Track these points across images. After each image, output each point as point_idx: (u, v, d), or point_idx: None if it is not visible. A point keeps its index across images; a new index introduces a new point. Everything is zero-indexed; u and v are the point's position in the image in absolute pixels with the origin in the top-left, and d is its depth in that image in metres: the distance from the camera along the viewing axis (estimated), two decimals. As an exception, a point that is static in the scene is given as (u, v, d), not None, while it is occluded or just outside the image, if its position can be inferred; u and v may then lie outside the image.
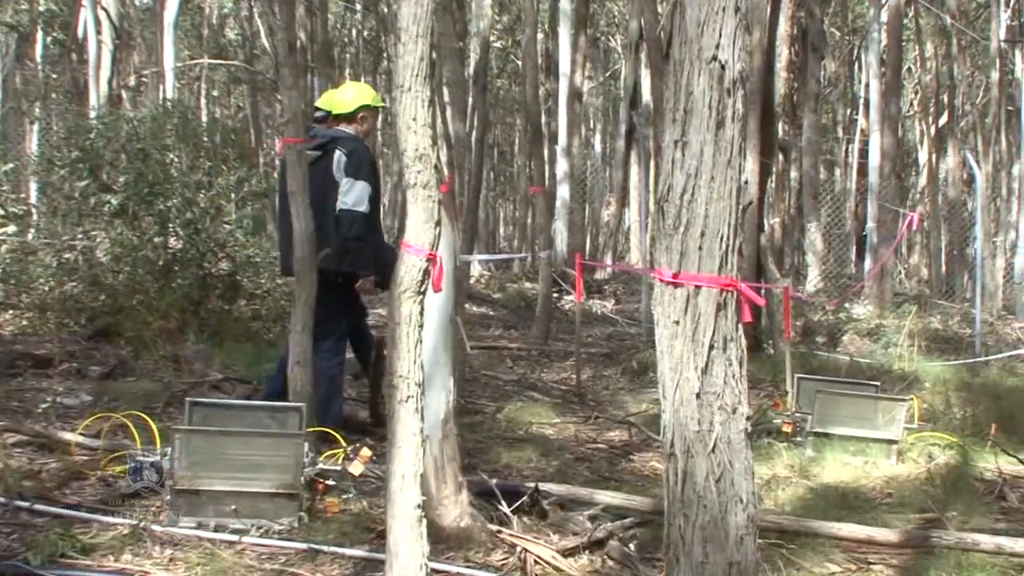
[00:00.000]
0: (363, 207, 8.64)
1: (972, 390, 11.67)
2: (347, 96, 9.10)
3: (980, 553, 6.24)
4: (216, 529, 6.16)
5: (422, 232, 4.39)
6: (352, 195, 8.63)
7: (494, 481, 6.87)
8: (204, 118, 29.46)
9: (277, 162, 15.33)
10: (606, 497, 6.97)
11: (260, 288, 13.29)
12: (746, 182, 13.83)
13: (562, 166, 25.65)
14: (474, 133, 16.74)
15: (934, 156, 31.64)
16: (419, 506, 4.30)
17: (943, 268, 30.57)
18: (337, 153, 8.71)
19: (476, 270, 24.96)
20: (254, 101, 37.24)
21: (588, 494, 7.03)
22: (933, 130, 32.61)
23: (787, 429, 9.47)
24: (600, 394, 12.11)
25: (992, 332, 18.27)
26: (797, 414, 9.59)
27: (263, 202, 14.86)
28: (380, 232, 9.16)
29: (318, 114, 9.10)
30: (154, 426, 7.31)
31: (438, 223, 4.42)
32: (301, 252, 7.82)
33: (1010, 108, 30.72)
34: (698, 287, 4.07)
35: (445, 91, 11.00)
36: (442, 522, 6.05)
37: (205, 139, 14.14)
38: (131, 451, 6.95)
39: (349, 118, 9.00)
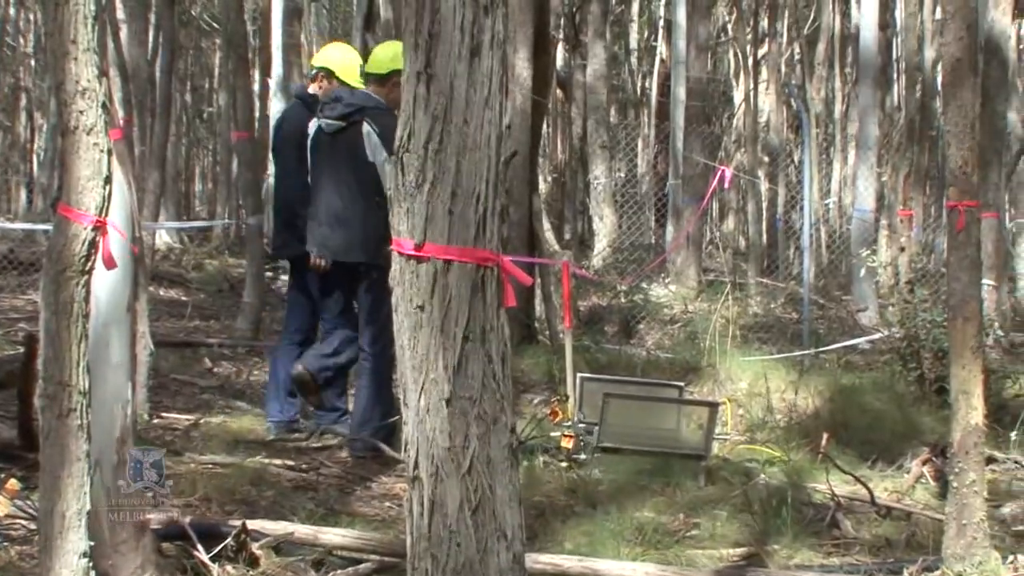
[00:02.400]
0: None
1: (799, 391, 12.00)
2: (382, 55, 9.55)
3: (808, 595, 6.48)
4: None
5: (87, 192, 4.34)
6: None
7: (188, 519, 6.84)
8: None
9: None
10: (335, 536, 7.01)
11: None
12: (509, 127, 13.97)
13: (277, 106, 25.44)
14: (159, 61, 16.51)
15: (752, 94, 32.41)
16: (86, 554, 4.26)
17: (764, 237, 31.38)
18: (367, 128, 9.23)
19: (164, 241, 24.63)
20: None
21: (312, 533, 7.05)
22: (751, 61, 33.42)
23: (567, 444, 9.61)
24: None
25: (823, 318, 18.85)
26: (580, 425, 9.74)
27: None
28: None
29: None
30: None
31: (108, 180, 4.37)
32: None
33: (847, 33, 31.62)
34: (448, 262, 4.11)
35: (118, 5, 10.84)
36: (118, 575, 6.00)
37: None
38: None
39: (380, 81, 9.43)
